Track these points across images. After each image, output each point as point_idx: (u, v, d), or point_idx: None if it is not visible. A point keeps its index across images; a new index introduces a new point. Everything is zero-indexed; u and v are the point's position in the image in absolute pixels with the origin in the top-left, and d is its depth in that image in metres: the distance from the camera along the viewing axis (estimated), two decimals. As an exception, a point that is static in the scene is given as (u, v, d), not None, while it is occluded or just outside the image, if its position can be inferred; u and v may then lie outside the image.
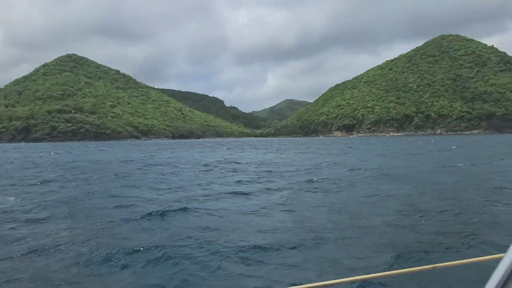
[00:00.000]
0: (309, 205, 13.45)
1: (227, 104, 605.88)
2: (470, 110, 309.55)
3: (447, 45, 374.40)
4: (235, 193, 16.20)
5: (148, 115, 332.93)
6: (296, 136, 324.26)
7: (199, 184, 19.67)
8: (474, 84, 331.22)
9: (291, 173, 24.69)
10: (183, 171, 27.84)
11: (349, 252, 7.99)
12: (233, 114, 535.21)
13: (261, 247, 8.23)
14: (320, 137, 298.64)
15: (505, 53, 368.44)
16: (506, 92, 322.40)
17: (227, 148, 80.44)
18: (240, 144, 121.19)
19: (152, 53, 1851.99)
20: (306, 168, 27.78)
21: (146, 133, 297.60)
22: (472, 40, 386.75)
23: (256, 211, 12.40)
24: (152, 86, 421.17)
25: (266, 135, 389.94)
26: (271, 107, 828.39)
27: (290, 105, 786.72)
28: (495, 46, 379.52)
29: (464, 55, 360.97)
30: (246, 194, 16.03)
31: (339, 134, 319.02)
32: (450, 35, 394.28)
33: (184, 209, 12.27)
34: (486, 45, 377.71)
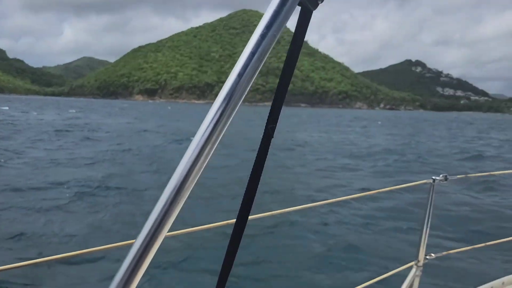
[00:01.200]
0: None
1: (10, 55, 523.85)
2: (264, 84, 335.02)
3: (248, 19, 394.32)
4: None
5: None
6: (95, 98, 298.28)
7: None
8: (269, 60, 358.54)
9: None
10: None
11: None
12: (18, 68, 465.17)
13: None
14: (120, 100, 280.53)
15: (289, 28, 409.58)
16: (295, 70, 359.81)
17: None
18: None
19: None
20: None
21: None
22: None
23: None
24: None
25: (59, 94, 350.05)
26: (67, 63, 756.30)
27: (90, 63, 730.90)
28: (287, 27, 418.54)
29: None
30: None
31: (141, 98, 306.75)
32: (251, 10, 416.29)
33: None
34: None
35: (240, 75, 0.58)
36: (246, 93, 0.59)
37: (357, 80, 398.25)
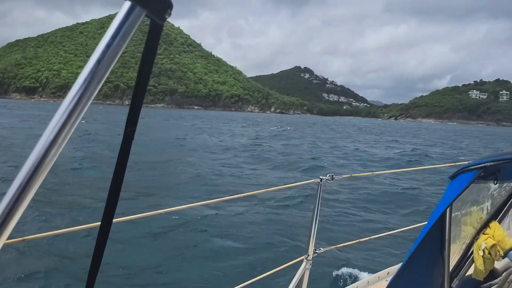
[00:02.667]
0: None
1: None
2: (156, 85, 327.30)
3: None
4: None
5: None
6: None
7: None
8: (162, 61, 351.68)
9: None
10: None
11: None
12: None
13: None
14: None
15: (188, 35, 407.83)
16: (187, 72, 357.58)
17: None
18: None
19: None
20: None
21: None
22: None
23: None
24: None
25: None
26: None
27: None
28: (181, 28, 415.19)
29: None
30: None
31: (18, 97, 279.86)
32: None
33: None
34: (173, 25, 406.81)
35: (86, 81, 0.59)
36: (92, 98, 0.59)
37: (249, 84, 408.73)
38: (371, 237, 4.63)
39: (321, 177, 3.40)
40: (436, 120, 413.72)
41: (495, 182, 2.36)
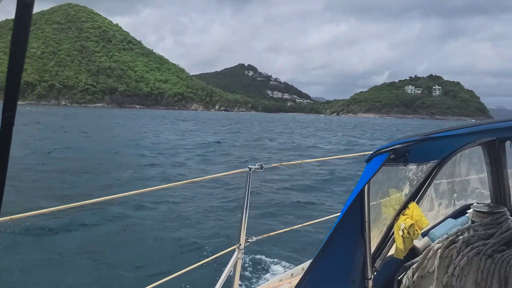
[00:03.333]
0: None
1: None
2: (95, 84, 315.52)
3: (75, 14, 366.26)
4: None
5: None
6: None
7: None
8: (100, 59, 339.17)
9: None
10: None
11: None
12: None
13: None
14: None
15: (128, 32, 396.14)
16: (127, 70, 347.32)
17: None
18: None
19: None
20: None
21: None
22: (99, 14, 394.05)
23: None
24: None
25: None
26: None
27: None
28: (119, 25, 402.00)
29: (91, 28, 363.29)
30: None
31: None
32: (78, 4, 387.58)
33: None
34: (111, 22, 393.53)
35: None
36: None
37: (192, 82, 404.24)
38: (304, 224, 4.78)
39: (250, 166, 3.35)
40: (375, 114, 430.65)
41: (405, 164, 2.45)
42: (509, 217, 2.86)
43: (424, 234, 3.21)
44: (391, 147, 2.20)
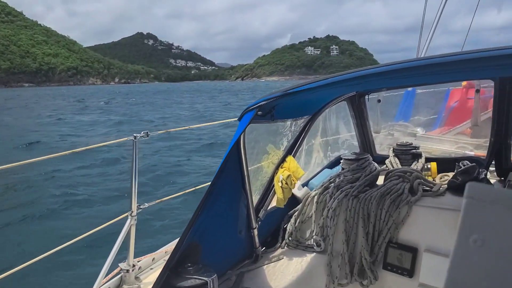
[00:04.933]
0: None
1: None
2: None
3: None
4: None
5: None
6: None
7: None
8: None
9: None
10: None
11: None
12: None
13: None
14: None
15: (6, 3, 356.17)
16: (10, 45, 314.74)
17: None
18: None
19: None
20: None
21: None
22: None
23: None
24: None
25: None
26: None
27: None
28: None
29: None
30: None
31: None
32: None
33: None
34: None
35: None
36: None
37: (87, 55, 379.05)
38: (197, 187, 4.97)
39: (135, 134, 3.35)
40: (279, 77, 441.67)
41: (272, 119, 2.60)
42: (372, 162, 3.17)
43: (304, 185, 3.44)
44: (257, 104, 2.29)
